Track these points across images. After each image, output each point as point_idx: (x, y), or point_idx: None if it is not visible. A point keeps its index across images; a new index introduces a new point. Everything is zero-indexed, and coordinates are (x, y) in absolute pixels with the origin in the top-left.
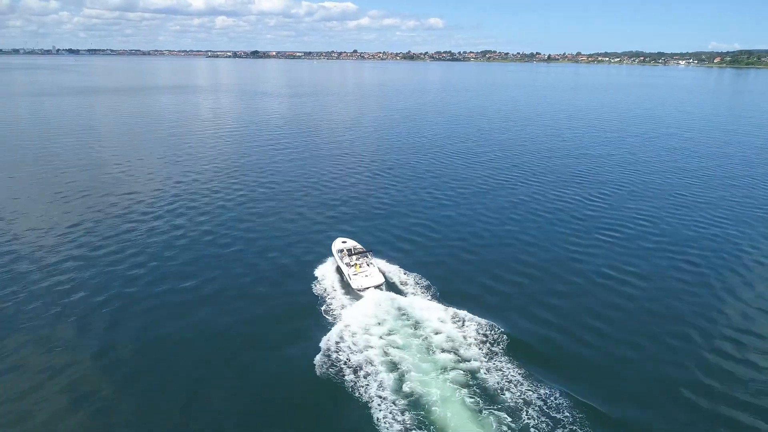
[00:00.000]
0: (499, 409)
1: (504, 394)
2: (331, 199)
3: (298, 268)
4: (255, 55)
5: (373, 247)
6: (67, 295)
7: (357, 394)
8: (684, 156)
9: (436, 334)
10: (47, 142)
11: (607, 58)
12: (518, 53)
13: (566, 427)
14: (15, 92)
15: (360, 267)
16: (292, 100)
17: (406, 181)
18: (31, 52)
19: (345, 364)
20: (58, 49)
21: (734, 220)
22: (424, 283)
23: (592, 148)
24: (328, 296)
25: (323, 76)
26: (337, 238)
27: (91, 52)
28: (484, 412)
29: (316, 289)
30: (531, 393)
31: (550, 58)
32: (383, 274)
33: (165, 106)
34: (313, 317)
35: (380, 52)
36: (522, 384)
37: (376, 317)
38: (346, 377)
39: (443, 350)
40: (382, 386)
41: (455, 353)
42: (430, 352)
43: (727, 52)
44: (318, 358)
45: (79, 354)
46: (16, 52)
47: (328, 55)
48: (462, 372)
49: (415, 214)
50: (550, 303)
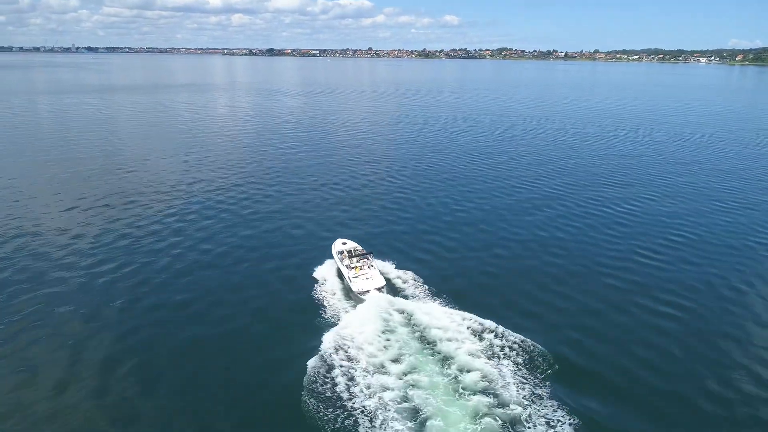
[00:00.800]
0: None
1: (519, 408)
2: (340, 203)
3: (298, 271)
4: (270, 52)
5: (390, 255)
6: (77, 292)
7: (353, 405)
8: (722, 158)
9: (444, 341)
10: (66, 140)
11: (626, 56)
12: (535, 51)
13: None
14: (36, 90)
15: (360, 269)
16: (306, 99)
17: (422, 186)
18: (51, 50)
19: (341, 373)
20: (78, 47)
21: None
22: (430, 287)
23: (620, 150)
24: (327, 300)
25: (338, 74)
26: (337, 239)
27: (110, 49)
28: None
29: (315, 292)
30: (551, 412)
31: (567, 56)
32: (385, 277)
33: (180, 104)
34: (310, 322)
35: (395, 50)
36: (544, 401)
37: (378, 322)
38: (342, 388)
39: (452, 358)
40: (380, 396)
41: (466, 362)
42: (438, 360)
43: (750, 50)
44: (312, 367)
45: (87, 353)
46: (37, 50)
47: (343, 53)
48: (475, 384)
49: (430, 220)
50: (583, 323)
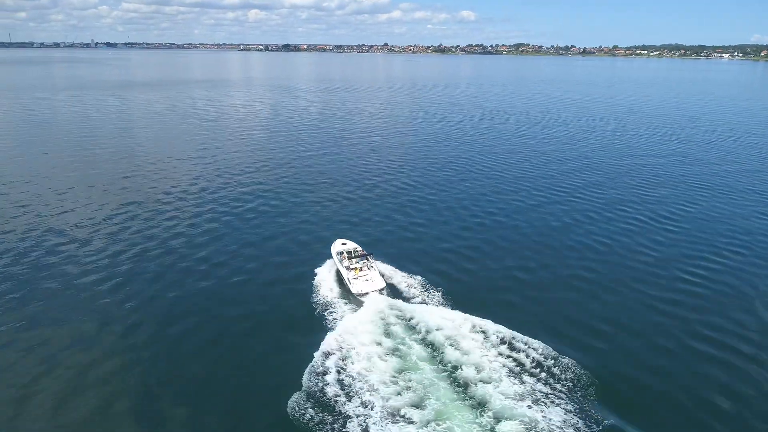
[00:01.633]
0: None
1: (530, 414)
2: (349, 205)
3: (297, 272)
4: (286, 48)
5: (403, 265)
6: (92, 285)
7: (349, 411)
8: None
9: (448, 345)
10: (85, 136)
11: (646, 51)
12: (552, 46)
13: None
14: (56, 86)
15: (360, 270)
16: (320, 96)
17: (438, 189)
18: (71, 46)
19: (338, 380)
20: (97, 43)
21: None
22: (433, 288)
23: (655, 149)
24: (325, 302)
25: (353, 70)
26: (336, 239)
27: (128, 45)
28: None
29: (313, 294)
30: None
31: (585, 52)
32: (384, 278)
33: (196, 101)
34: (307, 326)
35: (411, 46)
36: (561, 411)
37: (377, 326)
38: (338, 394)
39: (455, 364)
40: (378, 402)
41: (469, 366)
42: (443, 367)
43: None
44: (307, 373)
45: (100, 346)
46: (57, 45)
47: (359, 49)
48: (476, 388)
49: (445, 227)
50: (625, 345)
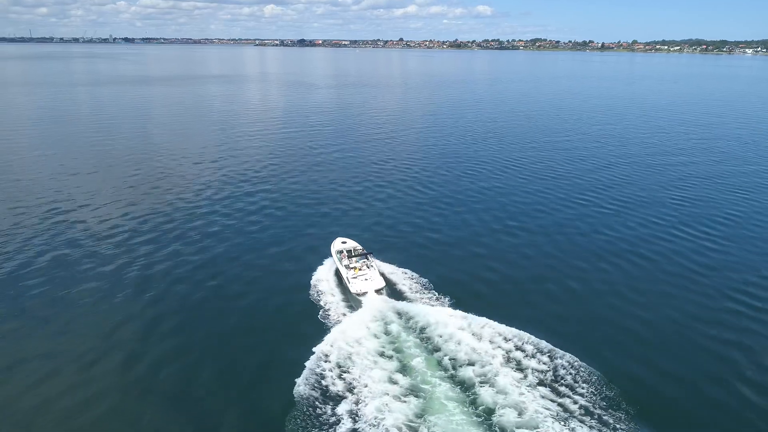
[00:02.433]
0: None
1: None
2: (359, 209)
3: (296, 272)
4: (302, 43)
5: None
6: (110, 277)
7: (346, 415)
8: None
9: (448, 346)
10: (103, 131)
11: (666, 47)
12: (570, 41)
13: None
14: (76, 81)
15: (359, 270)
16: (334, 93)
17: (455, 196)
18: (90, 41)
19: (335, 382)
20: (115, 38)
21: None
22: (434, 289)
23: (690, 152)
24: (323, 302)
25: (367, 65)
26: (336, 237)
27: (146, 40)
28: None
29: (311, 294)
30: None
31: (603, 47)
32: (384, 277)
33: (211, 97)
34: (305, 326)
35: (426, 41)
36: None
37: (376, 327)
38: (336, 399)
39: (456, 365)
40: (375, 405)
41: (475, 369)
42: (441, 368)
43: None
44: (304, 375)
45: (105, 340)
46: (76, 41)
47: (374, 44)
48: (485, 394)
49: (462, 242)
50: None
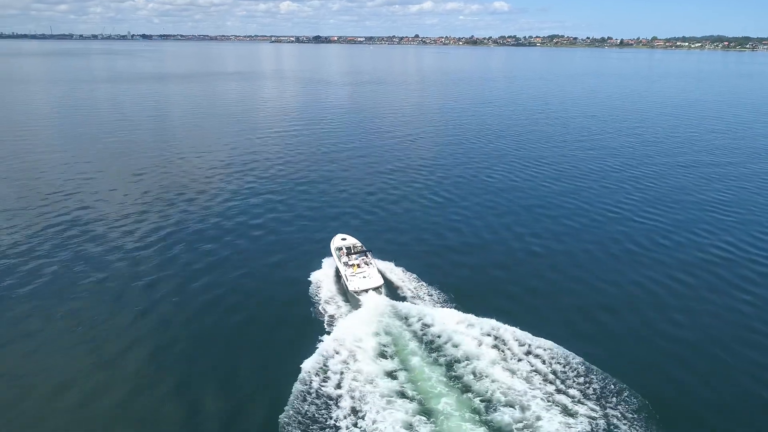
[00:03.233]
0: None
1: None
2: (372, 213)
3: (296, 269)
4: (317, 40)
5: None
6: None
7: (344, 420)
8: None
9: (448, 346)
10: (120, 128)
11: (686, 43)
12: (588, 38)
13: None
14: (95, 78)
15: (358, 267)
16: (349, 90)
17: (468, 197)
18: (108, 38)
19: (334, 383)
20: (133, 35)
21: None
22: (434, 289)
23: (727, 155)
24: (322, 301)
25: (383, 62)
26: (337, 234)
27: (163, 37)
28: None
29: (310, 292)
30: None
31: (622, 43)
32: (383, 276)
33: (227, 94)
34: (302, 327)
35: (442, 37)
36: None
37: (375, 327)
38: (335, 400)
39: (455, 364)
40: (374, 406)
41: (476, 371)
42: (441, 368)
43: None
44: (302, 375)
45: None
46: (95, 37)
47: (389, 40)
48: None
49: (476, 249)
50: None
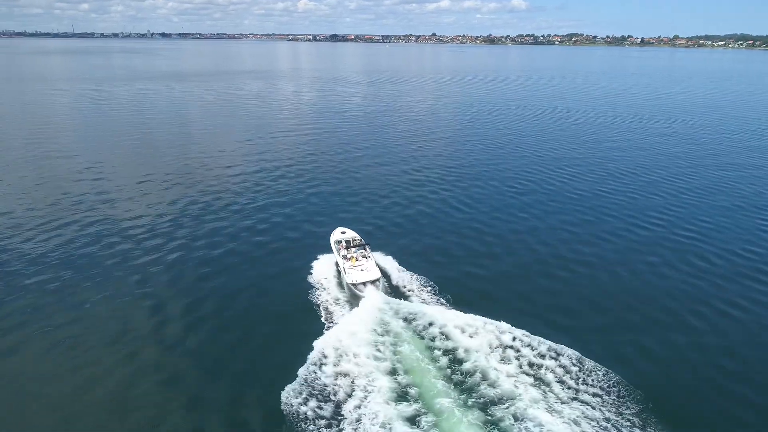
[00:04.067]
0: None
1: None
2: (386, 219)
3: (297, 266)
4: (334, 38)
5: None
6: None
7: (345, 416)
8: None
9: (450, 345)
10: (139, 126)
11: (710, 42)
12: (607, 36)
13: None
14: (115, 76)
15: (356, 260)
16: (366, 90)
17: (483, 201)
18: (128, 36)
19: (333, 380)
20: (153, 33)
21: None
22: (434, 286)
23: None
24: (320, 297)
25: (399, 60)
26: (337, 227)
27: (182, 35)
28: None
29: (310, 289)
30: None
31: (643, 42)
32: (381, 270)
33: (243, 93)
34: (302, 323)
35: (459, 36)
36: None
37: (376, 324)
38: (333, 398)
39: (456, 363)
40: (373, 404)
41: (476, 370)
42: (441, 368)
43: None
44: (302, 373)
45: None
46: (116, 36)
47: (406, 39)
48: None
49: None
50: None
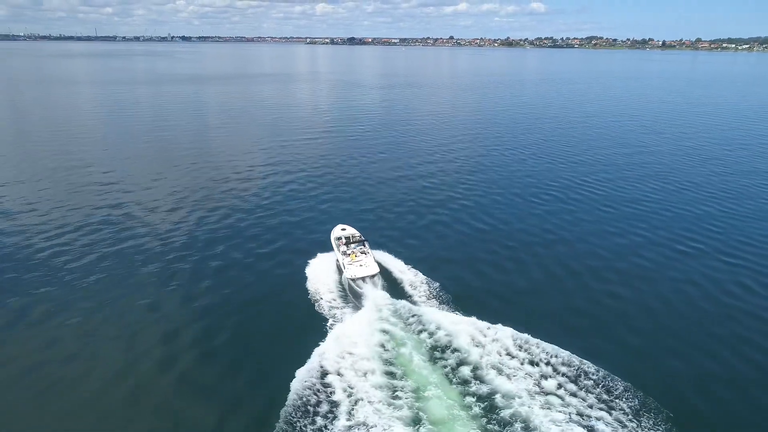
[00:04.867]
0: None
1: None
2: (400, 230)
3: (297, 263)
4: (351, 41)
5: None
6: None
7: (345, 420)
8: None
9: (452, 348)
10: (159, 130)
11: (733, 45)
12: (628, 39)
13: None
14: (136, 79)
15: (356, 256)
16: (382, 93)
17: (524, 231)
18: (150, 40)
19: (334, 382)
20: (173, 37)
21: None
22: (437, 285)
23: None
24: (321, 296)
25: (416, 64)
26: (337, 225)
27: (201, 39)
28: None
29: (309, 285)
30: None
31: (665, 45)
32: (379, 265)
33: (261, 96)
34: (304, 322)
35: (477, 39)
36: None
37: (377, 326)
38: (334, 401)
39: (460, 367)
40: (372, 408)
41: (477, 373)
42: (441, 371)
43: None
44: (302, 374)
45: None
46: (137, 39)
47: (424, 42)
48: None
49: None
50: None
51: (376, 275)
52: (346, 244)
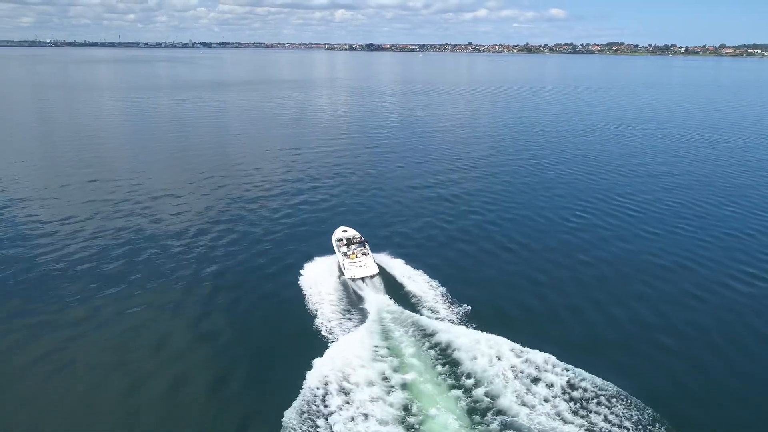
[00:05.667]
0: None
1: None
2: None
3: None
4: (370, 47)
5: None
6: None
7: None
8: None
9: (453, 356)
10: (179, 135)
11: (758, 51)
12: (649, 45)
13: None
14: (159, 85)
15: (356, 257)
16: (400, 100)
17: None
18: (171, 46)
19: (332, 398)
20: (194, 43)
21: None
22: (440, 288)
23: None
24: (322, 298)
25: (435, 70)
26: (339, 227)
27: (222, 45)
28: None
29: (308, 288)
30: None
31: (687, 51)
32: (379, 266)
33: (280, 102)
34: (304, 328)
35: (496, 45)
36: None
37: (378, 330)
38: (335, 414)
39: (462, 380)
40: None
41: (483, 389)
42: (443, 377)
43: None
44: (304, 377)
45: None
46: (159, 45)
47: (442, 48)
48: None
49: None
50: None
51: (376, 276)
52: (347, 245)
